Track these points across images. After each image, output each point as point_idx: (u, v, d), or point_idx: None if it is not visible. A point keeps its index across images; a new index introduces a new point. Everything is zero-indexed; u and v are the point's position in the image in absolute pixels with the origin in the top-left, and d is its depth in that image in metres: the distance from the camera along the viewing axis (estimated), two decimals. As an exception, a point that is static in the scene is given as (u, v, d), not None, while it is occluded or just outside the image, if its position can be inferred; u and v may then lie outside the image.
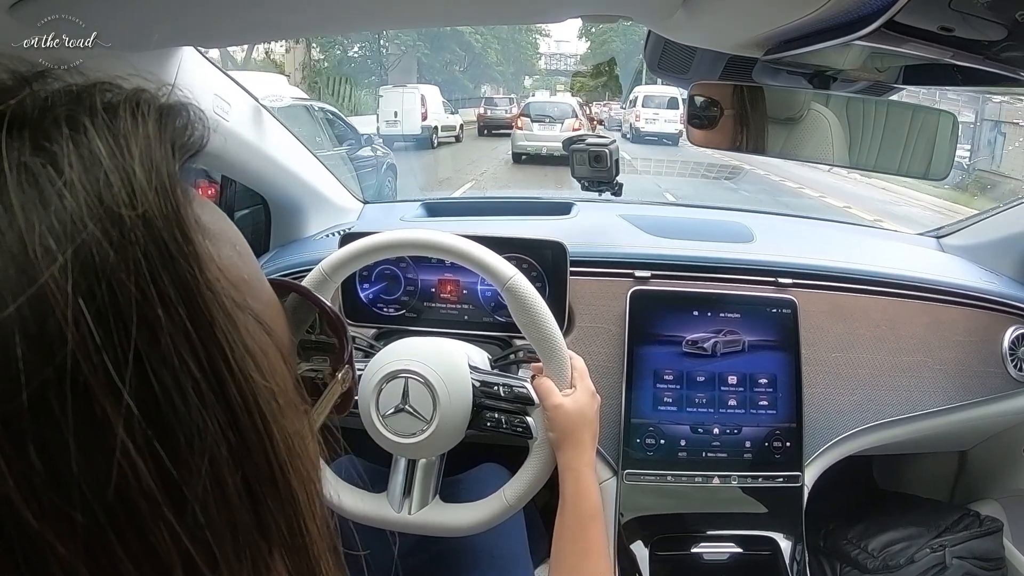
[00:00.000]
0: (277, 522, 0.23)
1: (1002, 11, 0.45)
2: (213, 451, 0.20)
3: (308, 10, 0.69)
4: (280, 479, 0.23)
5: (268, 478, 0.22)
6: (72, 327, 0.18)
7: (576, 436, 0.74)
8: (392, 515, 0.81)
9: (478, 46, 26.78)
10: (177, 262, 0.20)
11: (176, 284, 0.20)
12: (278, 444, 0.23)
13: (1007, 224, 1.31)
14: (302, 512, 0.24)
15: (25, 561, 0.17)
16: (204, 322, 0.20)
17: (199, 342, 0.20)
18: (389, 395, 0.76)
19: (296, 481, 0.24)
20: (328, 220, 1.36)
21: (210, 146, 0.25)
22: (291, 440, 0.23)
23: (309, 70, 14.93)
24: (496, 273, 0.76)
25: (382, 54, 23.21)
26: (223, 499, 0.20)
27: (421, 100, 12.94)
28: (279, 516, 0.23)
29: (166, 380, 0.19)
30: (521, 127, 11.73)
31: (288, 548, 0.23)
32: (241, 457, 0.21)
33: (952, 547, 1.20)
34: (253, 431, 0.21)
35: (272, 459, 0.22)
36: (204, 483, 0.20)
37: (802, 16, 0.54)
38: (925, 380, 1.12)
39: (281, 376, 0.24)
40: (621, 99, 20.39)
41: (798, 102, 0.81)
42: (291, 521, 0.23)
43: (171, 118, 0.23)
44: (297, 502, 0.24)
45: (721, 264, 1.11)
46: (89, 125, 0.20)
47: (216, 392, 0.20)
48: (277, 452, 0.22)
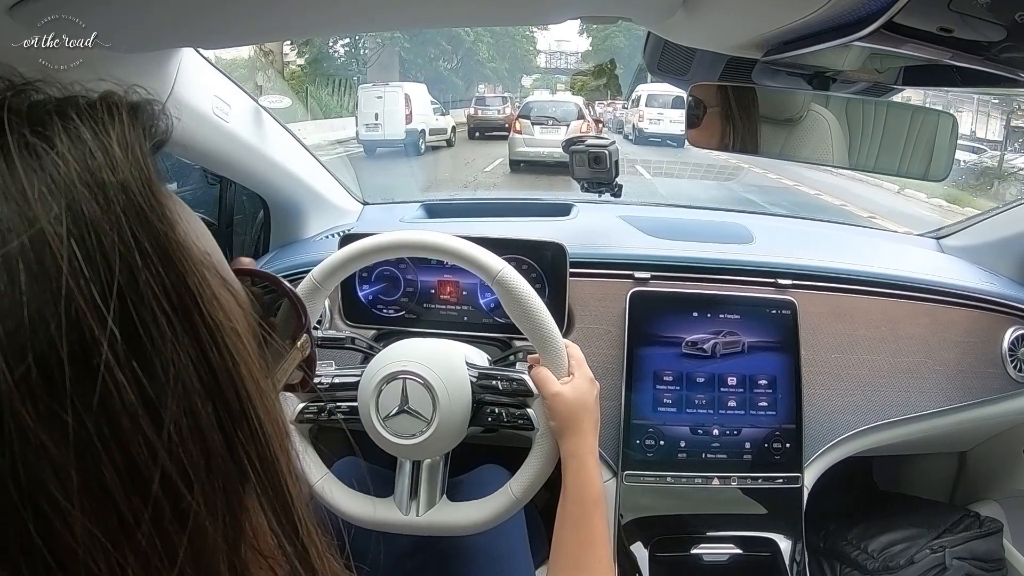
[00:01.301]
0: (248, 454, 0.25)
1: (1001, 12, 0.45)
2: (185, 380, 0.23)
3: (307, 12, 0.69)
4: (250, 415, 0.26)
5: (238, 413, 0.25)
6: (66, 262, 0.21)
7: (577, 423, 0.74)
8: (400, 518, 0.80)
9: (468, 40, 24.33)
10: (151, 221, 0.24)
11: (150, 238, 0.23)
12: (247, 383, 0.26)
13: (1007, 225, 1.31)
14: (272, 449, 0.26)
15: (22, 461, 0.20)
16: (176, 271, 0.24)
17: (171, 286, 0.23)
18: (388, 397, 0.76)
19: (266, 419, 0.26)
20: (328, 221, 1.36)
21: (210, 147, 0.29)
22: (259, 384, 0.26)
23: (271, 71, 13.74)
24: (485, 267, 0.76)
25: (358, 50, 20.60)
26: (196, 425, 0.23)
27: (405, 100, 11.63)
28: (250, 448, 0.25)
29: (144, 314, 0.22)
30: (520, 131, 10.31)
31: (260, 482, 0.26)
32: (212, 391, 0.24)
33: (952, 548, 1.20)
34: (222, 369, 0.25)
35: (242, 395, 0.25)
36: (178, 406, 0.23)
37: (801, 17, 0.54)
38: (925, 381, 1.12)
39: (245, 331, 0.27)
40: (622, 98, 19.42)
41: (797, 103, 0.81)
42: (262, 454, 0.26)
43: (140, 111, 0.27)
44: (267, 438, 0.26)
45: (721, 265, 1.11)
46: (75, 116, 0.24)
47: (187, 330, 0.24)
48: (248, 390, 0.26)
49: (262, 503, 0.26)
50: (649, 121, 12.27)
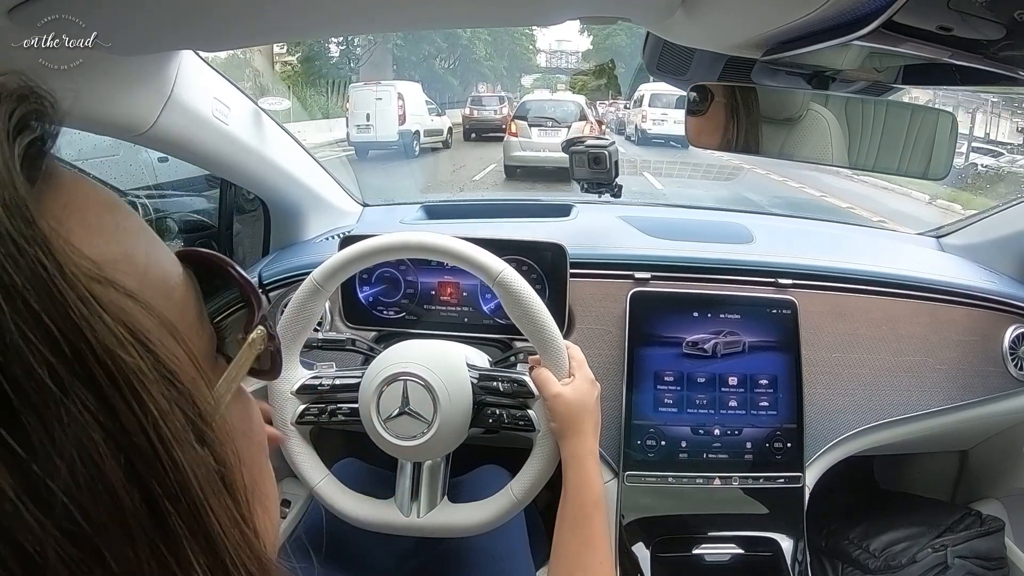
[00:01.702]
0: (170, 509, 0.21)
1: (1000, 10, 0.45)
2: (81, 437, 0.19)
3: (306, 13, 0.69)
4: (166, 461, 0.21)
5: (152, 460, 0.21)
6: None
7: (578, 424, 0.74)
8: (401, 520, 0.80)
9: (464, 37, 22.89)
10: (22, 248, 0.19)
11: (22, 271, 0.19)
12: (159, 423, 0.21)
13: (1007, 223, 1.31)
14: (198, 495, 0.22)
15: None
16: (58, 305, 0.19)
17: (53, 327, 0.19)
18: (389, 399, 0.76)
19: (187, 461, 0.22)
20: (327, 223, 1.36)
21: (210, 149, 0.25)
22: (179, 419, 0.22)
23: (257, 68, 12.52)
24: (485, 268, 0.76)
25: (351, 48, 19.07)
26: (104, 489, 0.19)
27: (398, 99, 10.87)
28: (171, 501, 0.21)
29: (15, 372, 0.18)
30: (516, 133, 9.29)
31: (190, 539, 0.21)
32: (120, 441, 0.20)
33: (954, 547, 1.20)
34: (128, 412, 0.20)
35: (154, 439, 0.21)
36: (74, 472, 0.19)
37: (801, 16, 0.54)
38: (926, 380, 1.12)
39: (167, 351, 0.23)
40: (622, 98, 18.50)
41: (797, 102, 0.81)
42: (187, 506, 0.22)
43: (9, 106, 0.22)
44: (190, 485, 0.22)
45: (721, 265, 1.11)
46: None
47: (79, 376, 0.19)
48: (159, 431, 0.21)
49: (197, 559, 0.22)
50: (652, 122, 11.53)
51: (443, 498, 0.82)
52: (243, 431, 0.29)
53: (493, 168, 9.86)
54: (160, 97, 0.85)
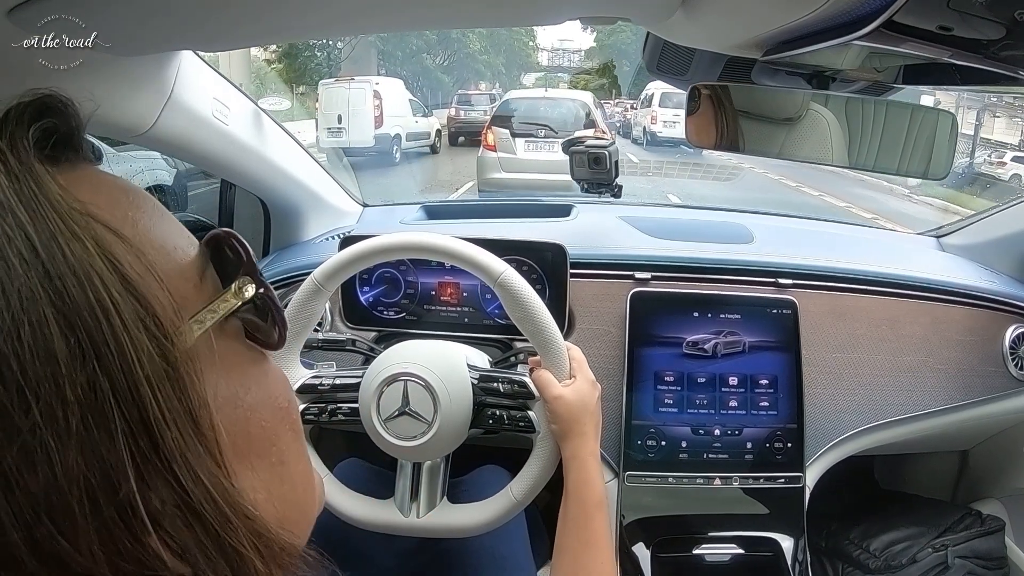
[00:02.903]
0: (111, 395, 0.22)
1: (1001, 10, 0.45)
2: (32, 307, 0.21)
3: (306, 14, 0.69)
4: (112, 343, 0.22)
5: (102, 344, 0.22)
6: None
7: (579, 426, 0.74)
8: (400, 520, 0.80)
9: (456, 31, 19.99)
10: (12, 176, 0.23)
11: (16, 193, 0.23)
12: (111, 312, 0.23)
13: (1007, 223, 1.31)
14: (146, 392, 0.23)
15: None
16: (38, 218, 0.23)
17: (33, 232, 0.22)
18: (389, 399, 0.76)
19: (136, 350, 0.23)
20: (327, 223, 1.36)
21: (210, 149, 0.28)
22: (139, 321, 0.23)
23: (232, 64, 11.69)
24: (487, 269, 0.76)
25: (333, 43, 16.89)
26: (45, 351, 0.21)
27: (374, 98, 9.44)
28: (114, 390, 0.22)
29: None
30: (494, 146, 6.50)
31: (128, 435, 0.22)
32: (70, 320, 0.22)
33: (954, 547, 1.20)
34: (82, 295, 0.22)
35: (103, 323, 0.22)
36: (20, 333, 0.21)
37: (801, 16, 0.54)
38: (926, 380, 1.12)
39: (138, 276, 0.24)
40: (625, 97, 17.85)
41: (797, 102, 0.81)
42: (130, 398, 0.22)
43: (23, 102, 0.26)
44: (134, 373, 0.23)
45: (721, 265, 1.11)
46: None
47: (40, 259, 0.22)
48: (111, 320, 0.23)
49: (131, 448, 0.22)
50: (663, 123, 10.40)
51: (443, 498, 0.82)
52: (249, 392, 0.30)
53: (472, 186, 7.46)
54: (160, 97, 0.85)
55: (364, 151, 9.04)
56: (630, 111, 14.71)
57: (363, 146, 9.08)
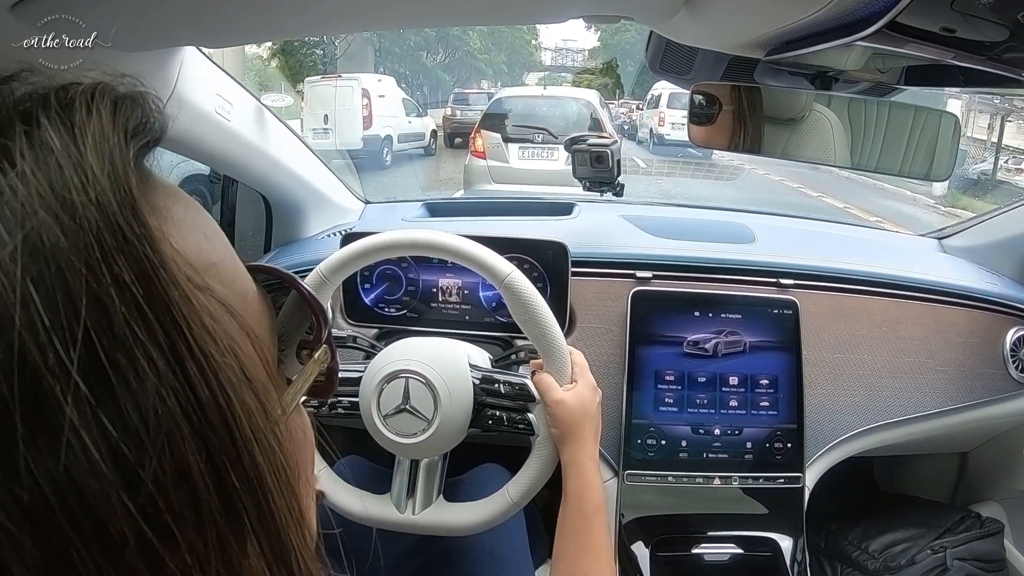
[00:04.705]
0: (244, 503, 0.22)
1: (1004, 12, 0.45)
2: (172, 429, 0.20)
3: (310, 10, 0.69)
4: (245, 458, 0.22)
5: (233, 457, 0.22)
6: (20, 309, 0.18)
7: (578, 431, 0.74)
8: (396, 516, 0.81)
9: (455, 28, 18.65)
10: (131, 244, 0.20)
11: (130, 265, 0.20)
12: (242, 422, 0.22)
13: (1008, 225, 1.31)
14: (271, 491, 0.23)
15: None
16: (160, 301, 0.21)
17: (155, 321, 0.20)
18: (390, 395, 0.76)
19: (263, 460, 0.23)
20: (329, 220, 1.36)
21: (212, 145, 0.26)
22: (259, 420, 0.23)
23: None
24: (493, 270, 0.76)
25: (326, 41, 16.01)
26: (184, 479, 0.20)
27: (362, 97, 8.92)
28: (246, 495, 0.22)
29: (118, 359, 0.19)
30: (483, 152, 5.69)
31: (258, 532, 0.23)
32: (204, 436, 0.21)
33: (953, 548, 1.20)
34: (215, 408, 0.21)
35: (237, 437, 0.22)
36: (162, 461, 0.20)
37: (804, 17, 0.54)
38: (926, 381, 1.12)
39: (248, 357, 0.24)
40: (631, 96, 17.27)
41: (800, 103, 0.81)
42: (258, 501, 0.23)
43: (125, 108, 0.23)
44: (264, 481, 0.23)
45: (722, 265, 1.11)
46: (43, 119, 0.21)
47: (174, 370, 0.20)
48: (241, 429, 0.22)
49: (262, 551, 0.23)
50: (671, 125, 9.93)
51: (439, 496, 0.82)
52: (299, 443, 0.30)
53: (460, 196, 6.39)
54: (163, 94, 0.85)
55: (352, 154, 8.03)
56: (635, 112, 14.30)
57: (351, 148, 8.33)
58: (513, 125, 5.89)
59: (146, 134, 0.24)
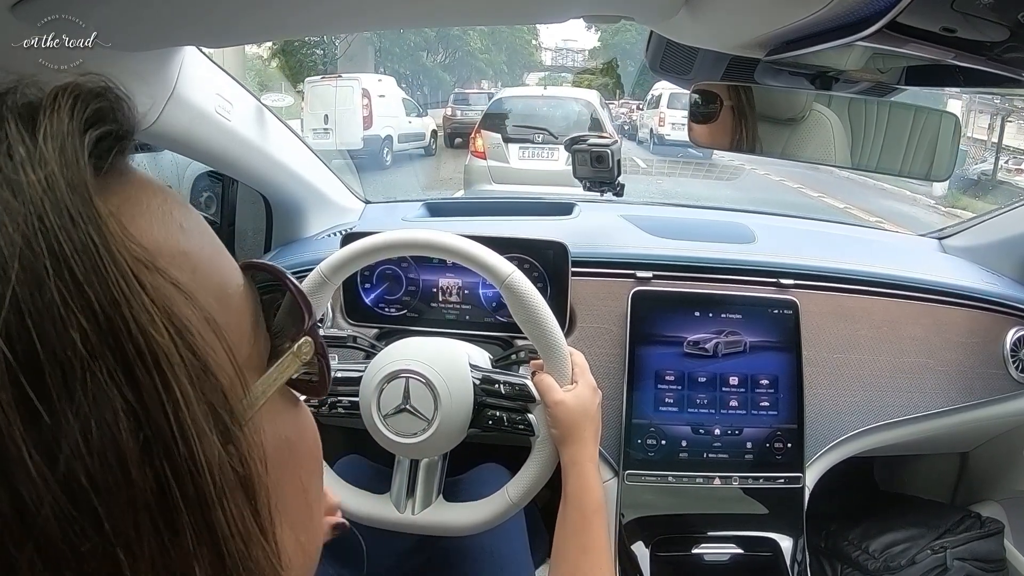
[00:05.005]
0: (177, 496, 0.21)
1: (1004, 12, 0.45)
2: (101, 405, 0.19)
3: (309, 10, 0.69)
4: (181, 447, 0.21)
5: (168, 447, 0.21)
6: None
7: (578, 432, 0.74)
8: (395, 516, 0.81)
9: (455, 28, 18.77)
10: (76, 223, 0.20)
11: (71, 239, 0.20)
12: (181, 409, 0.21)
13: (1009, 225, 1.31)
14: (210, 492, 0.22)
15: None
16: (100, 276, 0.20)
17: (92, 297, 0.20)
18: (390, 395, 0.76)
19: (207, 454, 0.22)
20: (329, 220, 1.36)
21: (213, 145, 0.26)
22: (206, 409, 0.22)
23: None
24: (494, 271, 0.76)
25: (326, 41, 16.29)
26: (115, 459, 0.20)
27: (362, 97, 8.92)
28: (181, 489, 0.21)
29: (46, 328, 0.19)
30: (483, 152, 5.73)
31: (195, 534, 0.21)
32: (140, 417, 0.20)
33: (953, 548, 1.20)
34: (153, 390, 0.21)
35: (172, 424, 0.21)
36: (87, 437, 0.19)
37: (804, 17, 0.54)
38: (926, 381, 1.12)
39: (209, 347, 0.23)
40: (631, 97, 17.26)
41: (800, 103, 0.81)
42: (199, 499, 0.22)
43: (84, 99, 0.23)
44: (202, 477, 0.22)
45: (723, 265, 1.11)
46: (8, 114, 0.22)
47: (108, 346, 0.20)
48: (180, 417, 0.21)
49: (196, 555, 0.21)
50: (672, 125, 9.85)
51: (438, 496, 0.82)
52: (290, 444, 0.29)
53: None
54: (163, 93, 0.85)
55: (352, 153, 8.11)
56: (635, 112, 14.20)
57: (351, 148, 8.36)
58: (513, 125, 5.92)
59: (105, 123, 0.24)
